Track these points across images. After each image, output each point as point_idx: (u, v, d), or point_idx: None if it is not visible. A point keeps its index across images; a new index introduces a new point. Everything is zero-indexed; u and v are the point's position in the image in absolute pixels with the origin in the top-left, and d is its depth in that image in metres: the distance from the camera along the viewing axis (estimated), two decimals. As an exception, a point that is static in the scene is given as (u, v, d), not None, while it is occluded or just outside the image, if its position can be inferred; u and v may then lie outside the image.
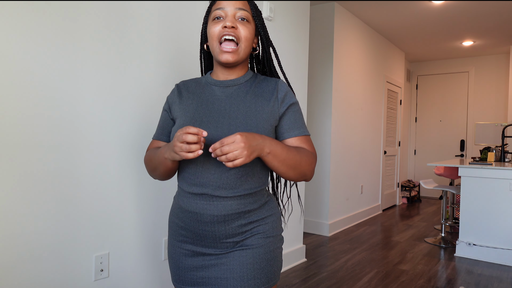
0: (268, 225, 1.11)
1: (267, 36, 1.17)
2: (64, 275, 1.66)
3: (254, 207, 1.09)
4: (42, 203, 1.58)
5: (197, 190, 1.06)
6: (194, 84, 1.19)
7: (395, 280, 3.03)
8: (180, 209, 1.11)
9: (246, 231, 1.08)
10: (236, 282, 1.06)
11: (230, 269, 1.07)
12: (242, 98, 1.11)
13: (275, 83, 1.14)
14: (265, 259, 1.09)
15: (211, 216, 1.05)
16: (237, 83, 1.14)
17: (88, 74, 1.73)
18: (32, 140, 1.54)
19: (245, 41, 1.08)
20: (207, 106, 1.11)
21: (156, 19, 2.02)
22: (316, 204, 4.50)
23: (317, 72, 4.51)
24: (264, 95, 1.11)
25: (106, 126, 1.81)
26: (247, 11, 1.10)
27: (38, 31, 1.54)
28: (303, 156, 1.07)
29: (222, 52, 1.07)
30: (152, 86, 2.02)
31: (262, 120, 1.07)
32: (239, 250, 1.08)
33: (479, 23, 4.96)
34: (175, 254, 1.15)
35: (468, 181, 3.70)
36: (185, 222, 1.10)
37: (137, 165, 1.95)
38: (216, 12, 1.09)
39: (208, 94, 1.14)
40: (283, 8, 3.05)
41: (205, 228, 1.07)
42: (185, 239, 1.13)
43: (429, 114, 7.39)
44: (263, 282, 1.08)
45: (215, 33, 1.07)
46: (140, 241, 1.99)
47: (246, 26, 1.08)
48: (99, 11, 1.75)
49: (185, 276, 1.13)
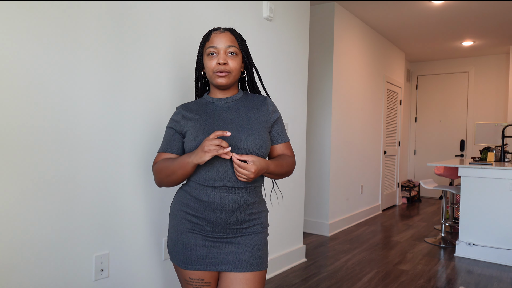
0: (262, 218, 1.39)
1: (251, 62, 1.43)
2: (64, 275, 1.66)
3: (256, 200, 1.36)
4: (42, 203, 1.58)
5: (217, 184, 1.29)
6: (196, 104, 1.41)
7: (395, 280, 3.04)
8: (194, 200, 1.32)
9: (249, 220, 1.34)
10: (246, 260, 1.32)
11: (240, 249, 1.32)
12: (242, 110, 1.37)
13: (264, 99, 1.43)
14: (263, 244, 1.37)
15: (227, 205, 1.29)
16: (233, 99, 1.40)
17: (89, 74, 1.73)
18: (32, 140, 1.54)
19: (234, 70, 1.34)
20: (214, 117, 1.35)
21: (158, 19, 2.02)
22: (316, 204, 4.50)
23: (317, 72, 4.51)
24: (258, 108, 1.39)
25: (107, 126, 1.81)
26: (235, 47, 1.35)
27: (38, 31, 1.54)
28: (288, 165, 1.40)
29: (217, 78, 1.33)
30: (153, 87, 2.01)
31: (261, 127, 1.35)
32: (245, 235, 1.34)
33: (479, 23, 4.96)
34: (184, 239, 1.33)
35: (468, 181, 3.70)
36: (200, 211, 1.31)
37: (137, 165, 1.95)
38: (210, 49, 1.33)
39: (212, 109, 1.38)
40: (283, 8, 3.05)
41: (219, 216, 1.29)
42: (196, 226, 1.32)
43: (429, 114, 7.39)
44: (263, 262, 1.36)
45: (211, 67, 1.33)
46: (140, 241, 1.99)
47: (235, 60, 1.34)
48: (100, 11, 1.75)
49: (197, 257, 1.32)
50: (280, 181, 3.07)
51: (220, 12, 2.44)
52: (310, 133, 4.57)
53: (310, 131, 4.56)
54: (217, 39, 1.33)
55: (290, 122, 3.16)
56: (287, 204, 3.18)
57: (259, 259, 1.33)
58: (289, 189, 3.19)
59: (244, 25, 2.65)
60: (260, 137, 1.31)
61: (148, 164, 2.01)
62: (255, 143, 1.29)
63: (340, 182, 4.68)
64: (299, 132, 3.29)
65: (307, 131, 4.58)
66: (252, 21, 2.73)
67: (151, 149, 2.02)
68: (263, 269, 1.35)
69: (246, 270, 1.31)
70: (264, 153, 1.32)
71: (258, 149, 1.29)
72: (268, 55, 2.89)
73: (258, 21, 2.78)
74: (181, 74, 2.18)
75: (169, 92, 2.11)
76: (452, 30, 5.31)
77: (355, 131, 5.02)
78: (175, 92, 2.15)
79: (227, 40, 1.33)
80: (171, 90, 2.12)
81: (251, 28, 2.72)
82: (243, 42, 1.39)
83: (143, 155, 1.99)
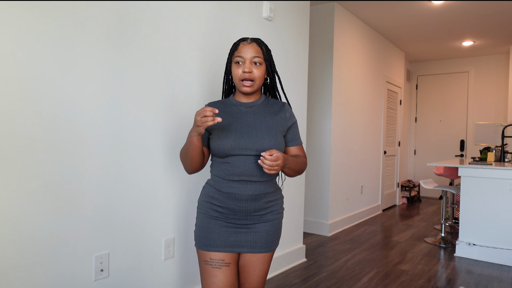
0: (278, 205, 1.58)
1: (274, 70, 1.58)
2: (64, 275, 1.66)
3: (272, 190, 1.55)
4: (42, 203, 1.58)
5: (236, 178, 1.47)
6: (222, 104, 1.58)
7: (395, 280, 3.03)
8: (218, 192, 1.51)
9: (266, 207, 1.53)
10: (262, 243, 1.53)
11: (257, 234, 1.52)
12: (262, 115, 1.54)
13: (282, 105, 1.60)
14: (278, 228, 1.58)
15: (247, 195, 1.47)
16: (256, 104, 1.57)
17: (90, 73, 1.73)
18: (32, 140, 1.54)
19: (258, 78, 1.50)
20: (237, 120, 1.52)
21: (158, 18, 2.02)
22: (316, 204, 4.50)
23: (317, 72, 4.51)
24: (276, 113, 1.57)
25: (107, 126, 1.81)
26: (260, 57, 1.49)
27: (39, 31, 1.54)
28: (302, 163, 1.58)
29: (243, 86, 1.49)
30: (155, 87, 2.01)
31: (277, 131, 1.52)
32: (263, 222, 1.53)
33: (479, 23, 4.96)
34: (210, 224, 1.51)
35: (468, 181, 3.70)
36: (223, 202, 1.50)
37: (137, 165, 1.95)
38: (237, 58, 1.49)
39: (236, 111, 1.54)
40: (283, 8, 3.05)
41: (240, 204, 1.48)
42: (220, 214, 1.51)
43: (429, 114, 7.39)
44: (276, 243, 1.59)
45: (238, 75, 1.49)
46: (140, 241, 1.99)
47: (259, 69, 1.49)
48: (101, 10, 1.75)
49: (220, 240, 1.49)
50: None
51: (220, 12, 2.44)
52: (310, 133, 4.57)
53: (310, 131, 4.56)
54: (244, 49, 1.48)
55: (290, 122, 3.16)
56: (287, 204, 3.18)
57: (272, 242, 1.55)
58: (289, 189, 3.19)
59: (244, 25, 2.65)
60: (276, 139, 1.48)
61: (150, 164, 2.01)
62: (271, 145, 1.46)
63: (340, 182, 4.68)
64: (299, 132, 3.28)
65: (307, 131, 4.58)
66: (252, 21, 2.73)
67: (152, 149, 2.02)
68: (275, 249, 1.59)
69: (261, 251, 1.53)
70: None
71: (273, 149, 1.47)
72: (268, 55, 2.89)
73: (258, 21, 2.78)
74: (182, 74, 2.18)
75: (171, 91, 2.11)
76: (452, 30, 5.31)
77: (355, 131, 5.02)
78: (175, 92, 2.15)
79: (253, 51, 1.48)
80: (173, 90, 2.12)
81: (251, 28, 2.72)
82: (268, 52, 1.55)
83: (144, 155, 1.99)
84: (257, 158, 1.47)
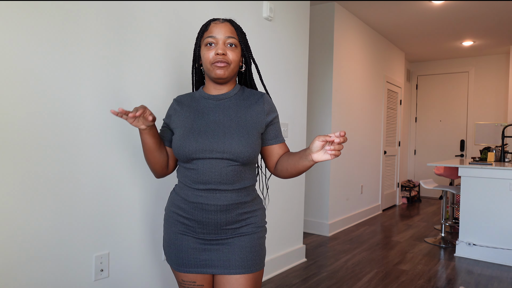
0: (257, 217, 1.33)
1: (251, 55, 1.36)
2: (64, 275, 1.66)
3: (248, 200, 1.30)
4: (42, 203, 1.58)
5: (202, 187, 1.24)
6: (189, 98, 1.36)
7: (395, 280, 3.03)
8: (184, 201, 1.29)
9: (242, 219, 1.29)
10: (237, 262, 1.27)
11: (231, 251, 1.27)
12: (233, 109, 1.30)
13: (260, 96, 1.34)
14: (257, 244, 1.31)
15: (215, 205, 1.24)
16: (228, 96, 1.32)
17: (89, 73, 1.73)
18: (32, 140, 1.54)
19: (233, 62, 1.27)
20: (203, 117, 1.29)
21: (158, 19, 2.02)
22: (316, 204, 4.50)
23: (317, 72, 4.51)
24: (252, 106, 1.31)
25: (107, 126, 1.81)
26: (234, 38, 1.28)
27: (39, 30, 1.54)
28: None
29: (216, 69, 1.25)
30: (154, 87, 2.02)
31: (251, 128, 1.27)
32: (238, 236, 1.28)
33: (479, 23, 4.96)
34: (176, 240, 1.30)
35: (468, 181, 3.70)
36: (189, 213, 1.27)
37: (137, 166, 1.95)
38: (208, 39, 1.27)
39: (203, 106, 1.32)
40: (283, 8, 3.05)
41: (209, 216, 1.25)
42: (187, 228, 1.29)
43: (429, 114, 7.39)
44: (257, 263, 1.30)
45: (209, 58, 1.26)
46: (140, 241, 1.99)
47: (234, 52, 1.27)
48: (101, 11, 1.75)
49: (189, 259, 1.29)
50: (280, 180, 3.07)
51: (220, 12, 2.44)
52: (310, 133, 4.57)
53: (310, 131, 4.56)
54: (216, 29, 1.26)
55: (290, 122, 3.16)
56: (287, 204, 3.18)
57: (251, 260, 1.27)
58: (288, 189, 3.19)
59: (244, 25, 2.65)
60: (247, 140, 1.24)
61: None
62: (239, 147, 1.22)
63: (340, 182, 4.68)
64: (299, 132, 3.29)
65: (307, 131, 4.58)
66: (252, 21, 2.73)
67: (151, 149, 2.02)
68: (257, 270, 1.29)
69: (237, 272, 1.26)
70: (250, 156, 1.24)
71: (243, 152, 1.22)
72: (268, 55, 2.89)
73: (258, 21, 2.78)
74: (182, 73, 2.18)
75: (170, 91, 2.11)
76: (452, 30, 5.31)
77: (355, 131, 5.02)
78: (175, 92, 2.15)
79: (226, 30, 1.26)
80: (172, 89, 2.13)
81: (251, 28, 2.72)
82: (242, 34, 1.33)
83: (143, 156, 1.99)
84: (226, 163, 1.23)
